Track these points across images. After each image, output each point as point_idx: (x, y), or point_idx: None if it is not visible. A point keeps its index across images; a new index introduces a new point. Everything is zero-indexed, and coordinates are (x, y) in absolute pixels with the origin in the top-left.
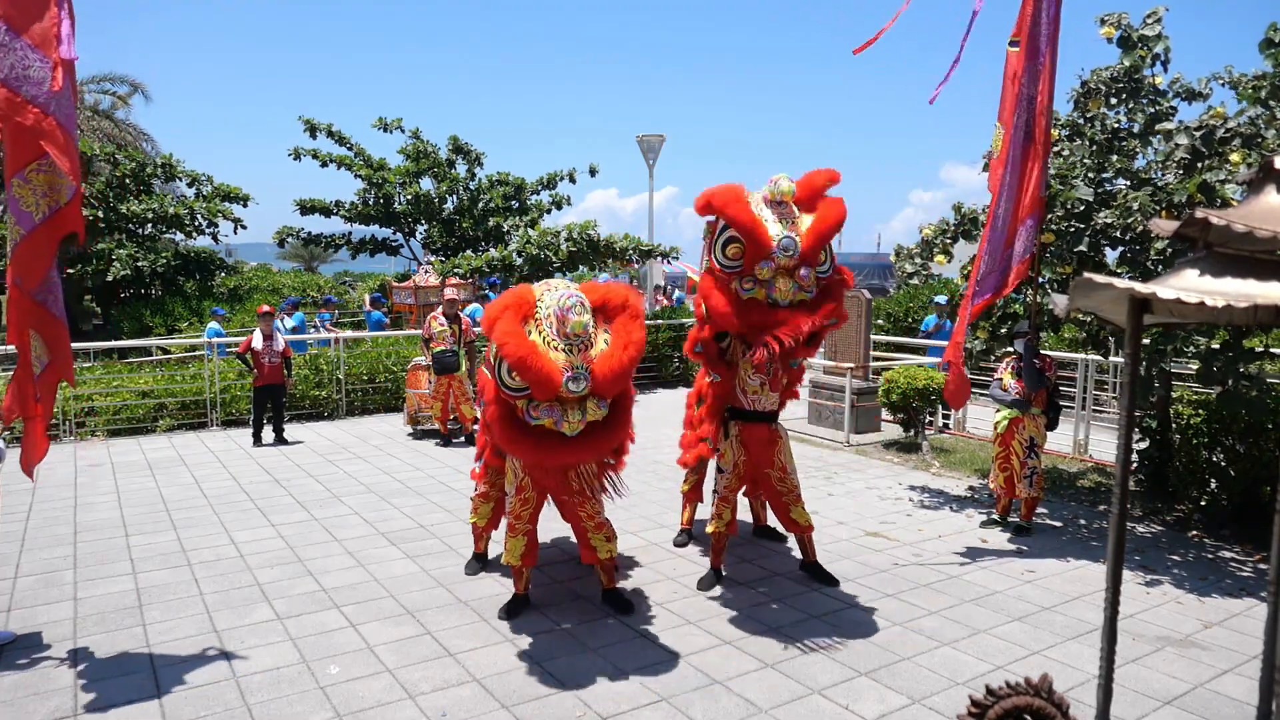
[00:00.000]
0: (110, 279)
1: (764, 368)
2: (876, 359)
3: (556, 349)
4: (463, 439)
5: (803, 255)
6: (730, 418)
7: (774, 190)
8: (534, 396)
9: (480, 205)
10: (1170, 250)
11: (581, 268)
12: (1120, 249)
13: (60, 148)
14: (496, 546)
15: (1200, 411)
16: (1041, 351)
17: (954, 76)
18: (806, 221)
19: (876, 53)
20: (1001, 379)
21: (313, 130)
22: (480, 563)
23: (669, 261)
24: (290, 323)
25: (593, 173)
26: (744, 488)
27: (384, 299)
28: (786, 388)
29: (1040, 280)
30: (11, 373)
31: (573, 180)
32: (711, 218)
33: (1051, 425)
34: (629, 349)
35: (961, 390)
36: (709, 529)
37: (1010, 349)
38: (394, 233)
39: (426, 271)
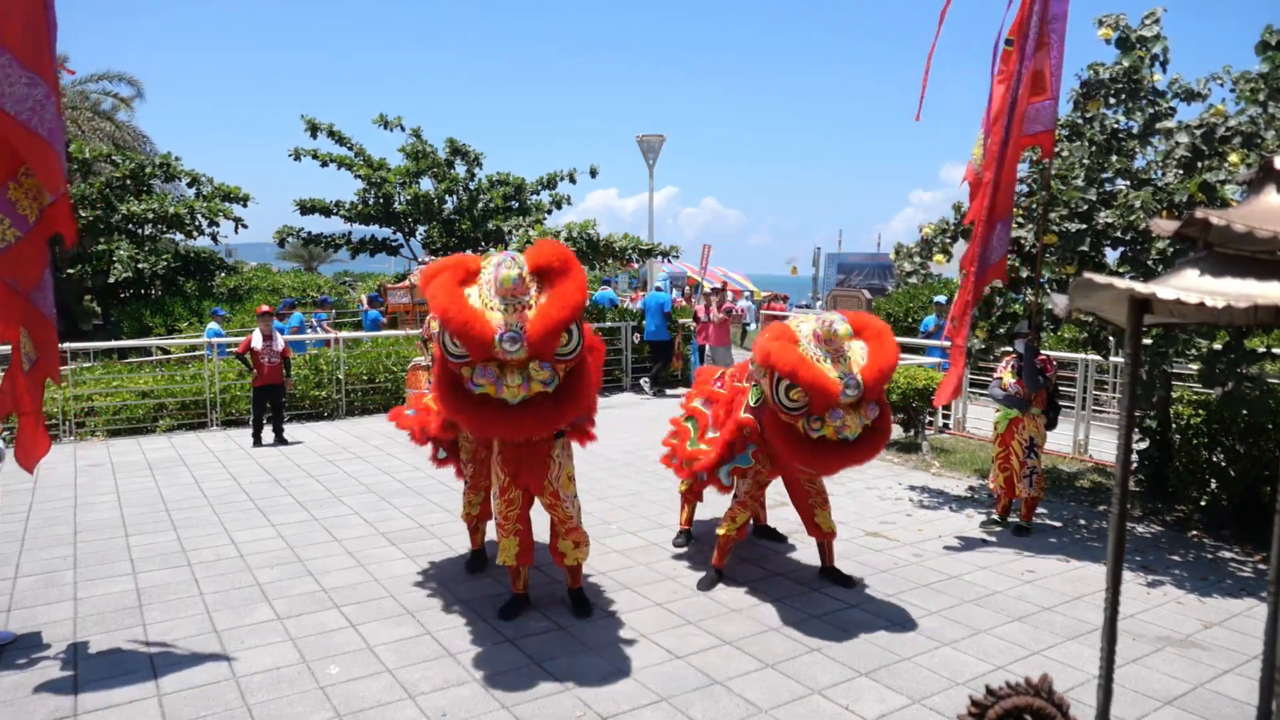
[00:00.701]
0: (111, 280)
1: None
2: None
3: (494, 309)
4: None
5: (868, 392)
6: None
7: (827, 331)
8: (471, 359)
9: (480, 205)
10: (1171, 250)
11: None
12: (1121, 249)
13: (40, 162)
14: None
15: (1200, 412)
16: (1042, 351)
17: (952, 77)
18: (857, 350)
19: (877, 53)
20: (1001, 378)
21: (314, 130)
22: (479, 560)
23: (669, 261)
24: (290, 323)
25: (593, 174)
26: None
27: (380, 299)
28: None
29: (1041, 280)
30: (4, 370)
31: (573, 180)
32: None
33: (1050, 425)
34: (563, 302)
35: (952, 390)
36: (721, 531)
37: (1010, 349)
38: (394, 233)
39: (420, 272)
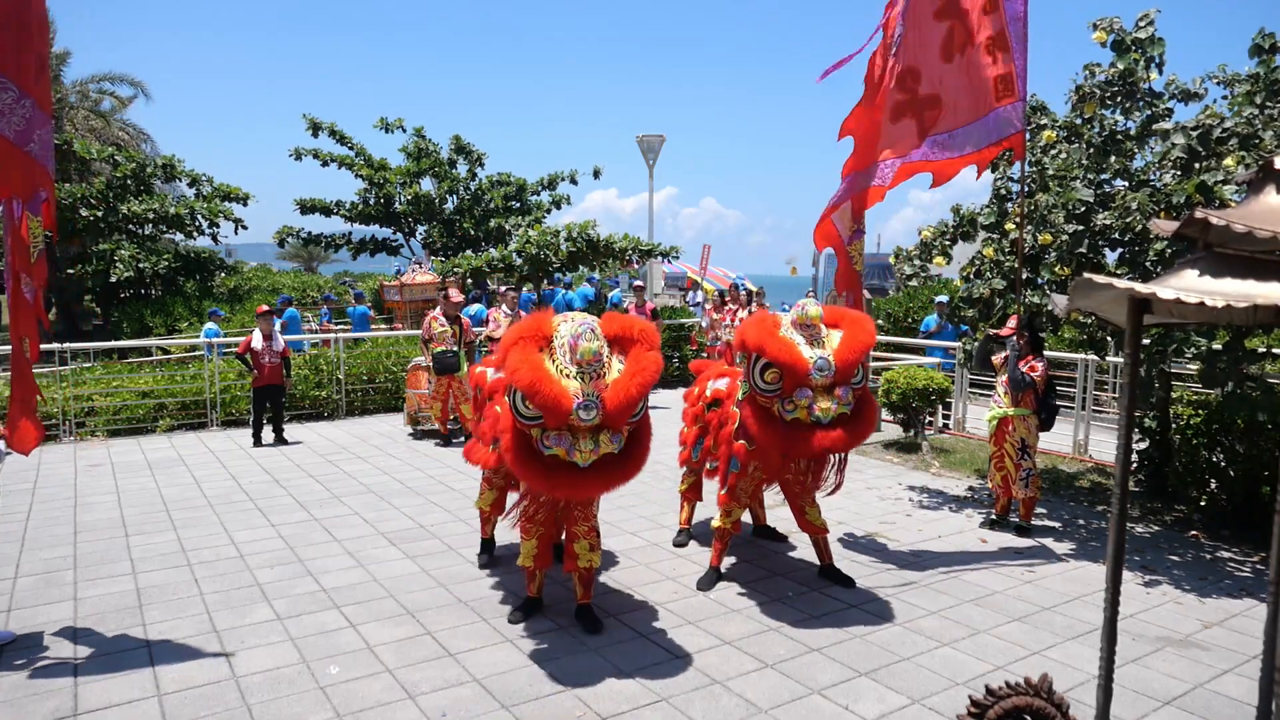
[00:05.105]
0: (112, 280)
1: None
2: (876, 359)
3: (569, 376)
4: (463, 439)
5: (839, 374)
6: None
7: (802, 315)
8: (546, 424)
9: (481, 205)
10: (1170, 251)
11: (581, 268)
12: (1120, 250)
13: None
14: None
15: (1200, 411)
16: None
17: None
18: (835, 339)
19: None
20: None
21: (315, 129)
22: (488, 550)
23: (669, 261)
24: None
25: (596, 175)
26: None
27: (363, 294)
28: None
29: (1040, 281)
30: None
31: (574, 182)
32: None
33: (1044, 426)
34: (639, 377)
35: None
36: (715, 524)
37: (1004, 350)
38: (394, 233)
39: (414, 271)
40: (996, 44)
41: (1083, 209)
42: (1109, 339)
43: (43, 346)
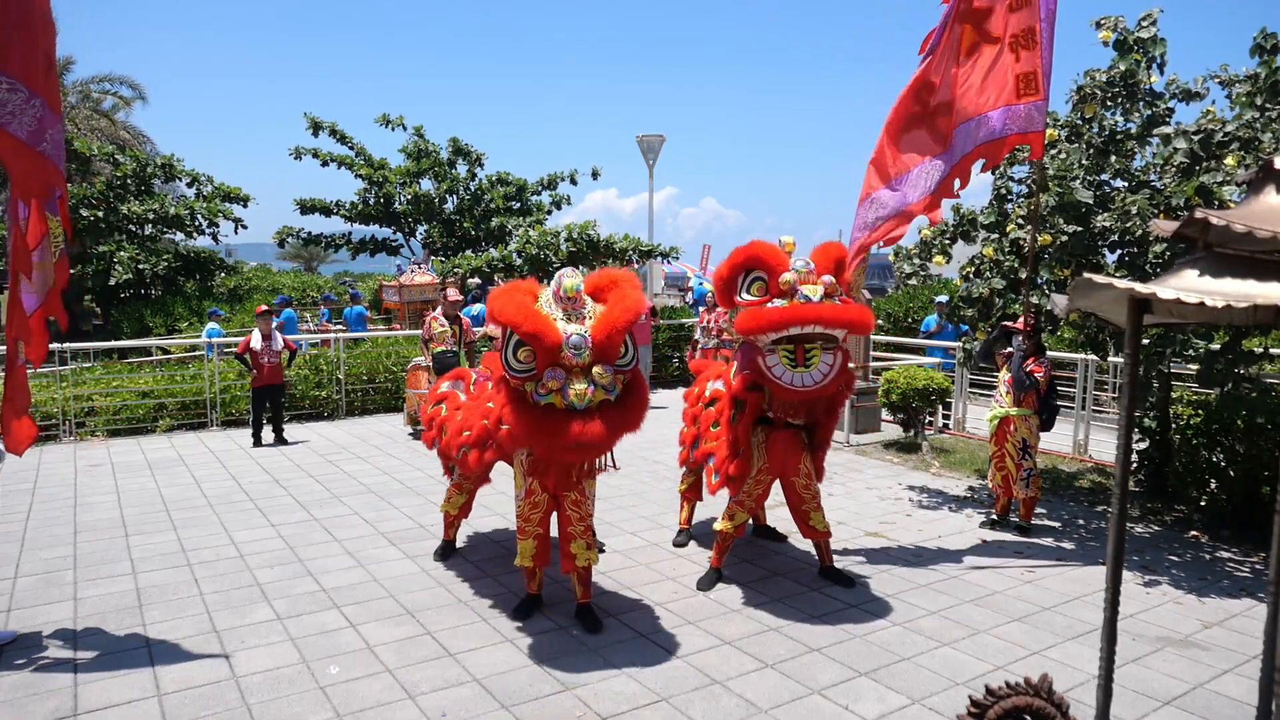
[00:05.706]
0: (113, 282)
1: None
2: (876, 359)
3: (556, 320)
4: None
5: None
6: (756, 424)
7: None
8: (536, 360)
9: (481, 205)
10: (1169, 254)
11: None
12: (1119, 252)
13: (15, 164)
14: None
15: (1200, 411)
16: (1040, 361)
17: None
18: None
19: (876, 48)
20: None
21: (316, 128)
22: (449, 549)
23: (669, 261)
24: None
25: (595, 176)
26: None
27: (360, 295)
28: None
29: (1039, 281)
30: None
31: (574, 182)
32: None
33: (1044, 426)
34: (624, 303)
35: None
36: (718, 527)
37: (1009, 348)
38: (394, 233)
39: (413, 271)
40: (1021, 42)
41: (1082, 210)
42: (1109, 339)
43: None
